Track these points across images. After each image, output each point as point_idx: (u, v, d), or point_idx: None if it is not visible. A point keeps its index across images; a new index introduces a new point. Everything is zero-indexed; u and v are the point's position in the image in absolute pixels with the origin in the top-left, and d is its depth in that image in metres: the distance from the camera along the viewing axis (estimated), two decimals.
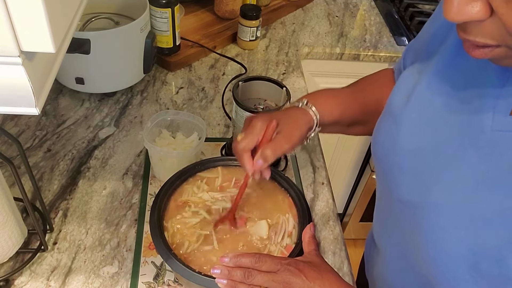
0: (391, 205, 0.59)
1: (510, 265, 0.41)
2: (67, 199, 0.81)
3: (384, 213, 0.65)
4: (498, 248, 0.42)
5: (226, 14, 1.27)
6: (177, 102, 1.05)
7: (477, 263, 0.43)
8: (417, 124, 0.53)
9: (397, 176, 0.55)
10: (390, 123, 0.57)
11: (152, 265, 0.72)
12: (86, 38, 0.85)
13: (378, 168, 0.61)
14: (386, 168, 0.58)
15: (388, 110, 0.59)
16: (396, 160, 0.55)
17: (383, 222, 0.66)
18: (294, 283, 0.54)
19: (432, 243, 0.48)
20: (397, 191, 0.55)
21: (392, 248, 0.63)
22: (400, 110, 0.55)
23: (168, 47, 1.12)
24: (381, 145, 0.59)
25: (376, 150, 0.61)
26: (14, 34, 0.32)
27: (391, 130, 0.57)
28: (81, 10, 0.42)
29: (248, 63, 1.20)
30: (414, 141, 0.53)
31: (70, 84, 0.98)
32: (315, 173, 0.92)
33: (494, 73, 0.46)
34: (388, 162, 0.57)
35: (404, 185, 0.54)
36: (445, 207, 0.47)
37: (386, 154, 0.58)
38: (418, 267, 0.54)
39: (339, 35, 1.38)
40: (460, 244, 0.45)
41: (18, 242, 0.68)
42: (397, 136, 0.55)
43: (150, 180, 0.85)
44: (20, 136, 0.92)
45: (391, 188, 0.57)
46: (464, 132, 0.48)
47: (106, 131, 0.95)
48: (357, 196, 1.72)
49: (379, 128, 0.61)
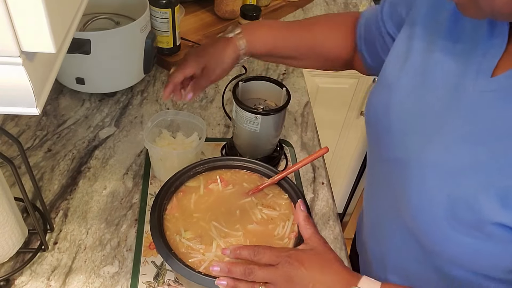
0: (380, 165, 0.64)
1: (483, 209, 0.46)
2: (68, 199, 0.81)
3: (373, 175, 0.69)
4: (473, 196, 0.47)
5: (226, 14, 1.27)
6: (177, 102, 1.05)
7: (453, 210, 0.48)
8: (408, 89, 0.57)
9: (386, 137, 0.60)
10: (384, 91, 0.61)
11: (152, 264, 0.72)
12: (86, 38, 0.84)
13: (370, 132, 0.66)
14: (378, 131, 0.62)
15: (382, 80, 0.63)
16: (387, 123, 0.59)
17: (372, 183, 0.69)
18: (295, 276, 0.54)
19: (416, 193, 0.53)
20: (386, 150, 0.60)
21: (379, 205, 0.67)
22: (394, 78, 0.60)
23: (168, 47, 1.12)
24: (374, 110, 0.63)
25: (369, 116, 0.65)
26: (15, 34, 0.32)
27: (384, 97, 0.61)
28: (81, 10, 0.42)
29: (248, 63, 1.20)
30: (405, 104, 0.57)
31: (70, 84, 0.98)
32: (315, 173, 0.92)
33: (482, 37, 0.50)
34: (379, 125, 0.62)
35: (392, 145, 0.58)
36: (428, 162, 0.52)
37: (378, 118, 0.62)
38: (402, 217, 0.57)
39: None
40: (439, 193, 0.50)
41: (19, 242, 0.68)
42: (389, 101, 0.59)
43: (150, 180, 0.85)
44: (21, 136, 0.92)
45: (381, 149, 0.62)
46: (450, 94, 0.52)
47: (106, 131, 0.95)
48: (357, 196, 1.72)
49: (373, 97, 0.64)
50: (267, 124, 0.80)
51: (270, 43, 0.74)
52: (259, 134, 0.81)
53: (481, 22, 0.50)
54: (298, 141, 0.98)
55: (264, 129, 0.80)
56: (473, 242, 0.48)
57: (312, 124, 1.04)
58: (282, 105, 0.80)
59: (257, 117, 0.78)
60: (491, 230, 0.46)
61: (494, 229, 0.46)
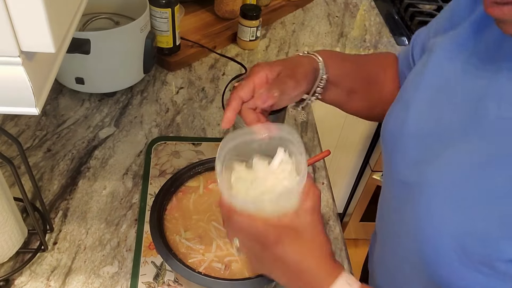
0: (393, 187, 0.60)
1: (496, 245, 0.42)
2: (67, 199, 0.81)
3: (386, 197, 0.65)
4: (486, 230, 0.43)
5: (226, 14, 1.27)
6: (177, 102, 1.05)
7: (464, 243, 0.45)
8: (424, 107, 0.54)
9: (400, 157, 0.56)
10: (401, 108, 0.59)
11: (152, 265, 0.72)
12: (86, 38, 0.85)
13: (385, 151, 0.63)
14: (392, 150, 0.59)
15: (400, 98, 0.61)
16: (401, 142, 0.56)
17: (385, 205, 0.66)
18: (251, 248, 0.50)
19: (424, 220, 0.49)
20: (398, 172, 0.56)
21: (389, 231, 0.63)
22: (410, 95, 0.57)
23: (168, 47, 1.12)
24: (390, 129, 0.60)
25: (384, 134, 0.62)
26: (14, 34, 0.32)
27: (400, 114, 0.58)
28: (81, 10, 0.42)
29: (248, 63, 1.20)
30: (420, 123, 0.54)
31: (70, 84, 0.98)
32: (315, 173, 0.92)
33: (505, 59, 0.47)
34: (393, 145, 0.58)
35: (405, 166, 0.55)
36: (439, 186, 0.48)
37: (393, 137, 0.59)
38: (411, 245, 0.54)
39: (339, 35, 1.38)
40: (449, 222, 0.46)
41: (18, 242, 0.68)
42: (405, 120, 0.56)
43: (150, 180, 0.85)
44: (20, 136, 0.92)
45: (393, 170, 0.58)
46: (468, 116, 0.48)
47: (106, 131, 0.95)
48: (357, 196, 1.72)
49: (390, 114, 0.62)
50: None
51: (342, 70, 0.68)
52: None
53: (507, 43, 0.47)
54: None
55: None
56: (483, 279, 0.44)
57: (312, 124, 1.04)
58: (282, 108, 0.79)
59: None
60: (506, 269, 0.42)
61: (507, 267, 0.42)
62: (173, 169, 0.87)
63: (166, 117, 1.00)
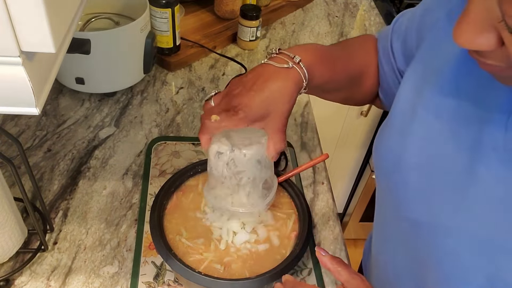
0: (396, 222, 0.56)
1: None
2: (67, 199, 0.81)
3: (387, 230, 0.62)
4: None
5: (226, 14, 1.27)
6: (177, 102, 1.05)
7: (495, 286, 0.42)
8: (424, 138, 0.50)
9: (402, 192, 0.52)
10: (395, 136, 0.54)
11: (152, 265, 0.72)
12: (86, 38, 0.85)
13: (381, 183, 0.58)
14: (390, 184, 0.55)
15: (391, 123, 0.56)
16: (401, 176, 0.52)
17: (385, 238, 0.63)
18: None
19: (446, 267, 0.46)
20: (403, 208, 0.53)
21: (394, 266, 0.60)
22: (406, 123, 0.52)
23: (168, 47, 1.12)
24: (385, 159, 0.56)
25: (379, 165, 0.57)
26: (14, 34, 0.32)
27: (396, 144, 0.53)
28: (81, 10, 0.42)
29: (248, 63, 1.20)
30: (421, 156, 0.50)
31: (70, 84, 0.98)
32: (315, 173, 0.92)
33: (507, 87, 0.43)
34: (392, 178, 0.54)
35: (410, 203, 0.51)
36: (459, 232, 0.45)
37: (390, 169, 0.54)
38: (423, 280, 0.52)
39: (339, 35, 1.38)
40: (477, 270, 0.43)
41: (18, 242, 0.68)
42: (402, 151, 0.52)
43: (150, 180, 0.85)
44: (20, 136, 0.92)
45: (396, 205, 0.54)
46: (474, 149, 0.44)
47: (106, 131, 0.95)
48: (357, 196, 1.72)
49: (382, 141, 0.57)
50: None
51: (327, 77, 0.62)
52: None
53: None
54: (298, 141, 0.98)
55: None
56: None
57: (312, 124, 1.04)
58: None
59: None
60: None
61: None
62: (173, 169, 0.87)
63: (166, 117, 1.00)
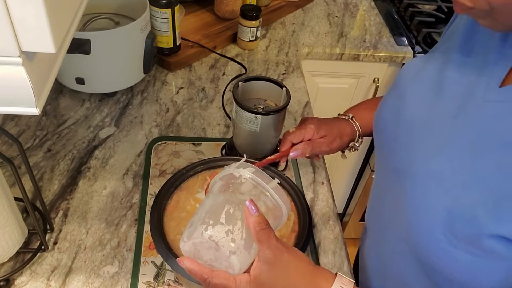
0: (384, 174, 0.63)
1: (481, 223, 0.45)
2: (68, 199, 0.81)
3: (378, 184, 0.68)
4: (472, 210, 0.46)
5: (226, 14, 1.27)
6: (177, 102, 1.05)
7: (452, 224, 0.47)
8: (419, 99, 0.57)
9: (393, 146, 0.59)
10: (396, 98, 0.62)
11: (152, 264, 0.72)
12: (86, 38, 0.85)
13: (378, 141, 0.66)
14: (385, 140, 0.62)
15: (395, 87, 0.64)
16: (395, 131, 0.59)
17: (376, 192, 0.69)
18: None
19: (413, 204, 0.52)
20: (391, 159, 0.59)
21: (380, 220, 0.65)
22: (407, 85, 0.60)
23: (168, 47, 1.12)
24: (384, 118, 0.63)
25: (378, 124, 0.65)
26: (15, 34, 0.32)
27: (395, 104, 0.61)
28: (81, 10, 0.42)
29: (248, 63, 1.20)
30: (415, 112, 0.57)
31: (70, 84, 0.98)
32: (315, 173, 0.92)
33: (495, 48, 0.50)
34: (387, 134, 0.61)
35: (398, 154, 0.58)
36: (430, 173, 0.51)
37: (386, 127, 0.62)
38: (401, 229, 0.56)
39: (339, 35, 1.38)
40: (438, 205, 0.49)
41: (19, 242, 0.68)
42: (400, 109, 0.59)
43: (150, 180, 0.85)
44: (21, 136, 0.92)
45: (386, 157, 0.62)
46: (458, 105, 0.51)
47: (106, 131, 0.95)
48: (357, 196, 1.72)
49: (384, 105, 0.65)
50: (267, 124, 0.80)
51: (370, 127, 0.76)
52: (259, 134, 0.81)
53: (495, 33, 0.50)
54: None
55: (264, 129, 0.80)
56: (471, 259, 0.47)
57: None
58: (282, 105, 0.80)
59: (257, 117, 0.78)
60: (489, 245, 0.45)
61: (491, 243, 0.45)
62: (173, 169, 0.87)
63: (166, 117, 1.00)
